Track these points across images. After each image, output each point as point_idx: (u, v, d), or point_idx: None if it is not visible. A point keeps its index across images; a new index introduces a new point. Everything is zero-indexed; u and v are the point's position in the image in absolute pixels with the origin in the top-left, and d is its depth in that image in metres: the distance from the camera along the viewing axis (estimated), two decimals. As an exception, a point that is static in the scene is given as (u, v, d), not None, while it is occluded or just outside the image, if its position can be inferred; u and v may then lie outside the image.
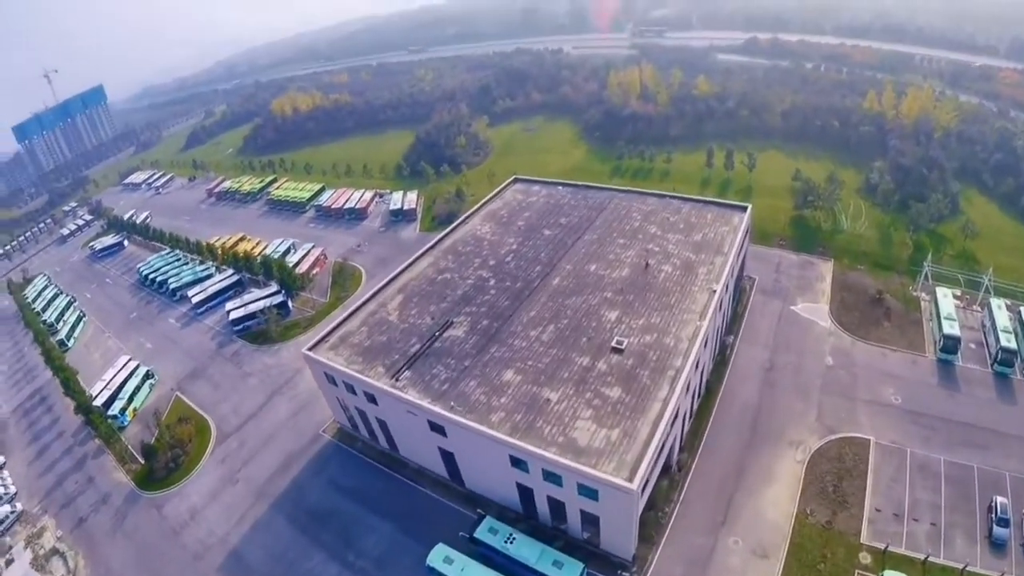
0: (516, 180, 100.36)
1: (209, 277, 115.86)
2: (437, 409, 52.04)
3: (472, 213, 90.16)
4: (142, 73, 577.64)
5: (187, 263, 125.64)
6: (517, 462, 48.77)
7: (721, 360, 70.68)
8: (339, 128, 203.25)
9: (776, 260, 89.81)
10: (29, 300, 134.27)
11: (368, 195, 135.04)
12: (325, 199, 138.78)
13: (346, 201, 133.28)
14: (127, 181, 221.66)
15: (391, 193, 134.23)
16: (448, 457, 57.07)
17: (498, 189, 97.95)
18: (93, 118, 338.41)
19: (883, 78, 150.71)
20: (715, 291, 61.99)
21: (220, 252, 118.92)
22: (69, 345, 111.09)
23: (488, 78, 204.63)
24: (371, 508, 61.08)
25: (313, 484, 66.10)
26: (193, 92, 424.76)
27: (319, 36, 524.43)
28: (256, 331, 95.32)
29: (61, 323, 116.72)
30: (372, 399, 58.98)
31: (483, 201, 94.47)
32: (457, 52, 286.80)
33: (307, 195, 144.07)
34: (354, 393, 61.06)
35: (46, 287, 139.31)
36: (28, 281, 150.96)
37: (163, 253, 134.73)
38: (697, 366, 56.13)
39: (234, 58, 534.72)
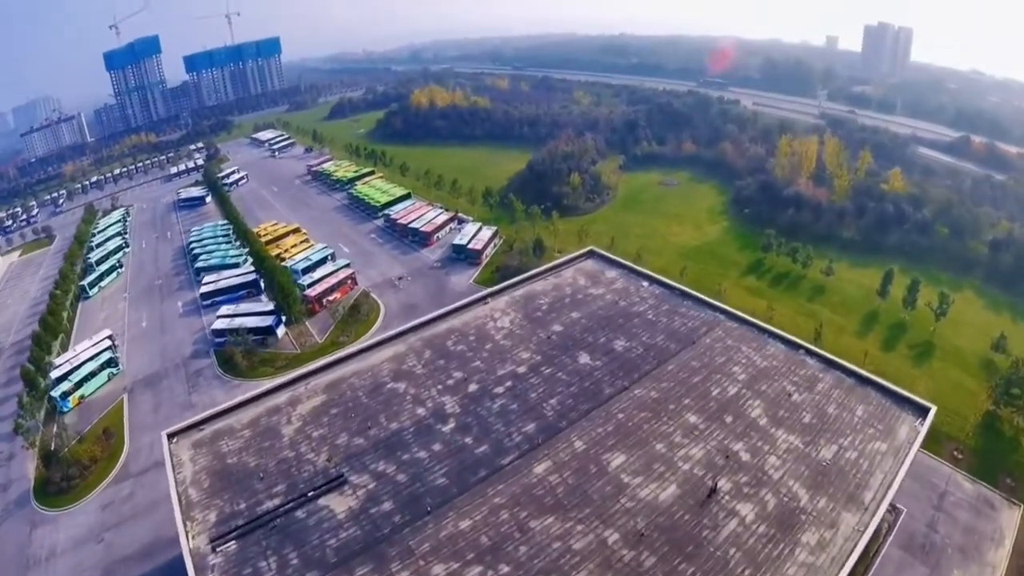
0: (591, 254, 73.81)
1: (236, 266, 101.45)
2: None
3: (503, 288, 65.17)
4: (336, 36, 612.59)
5: (228, 242, 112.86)
6: None
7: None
8: (466, 133, 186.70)
9: (941, 485, 54.47)
10: (95, 231, 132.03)
11: (442, 218, 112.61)
12: (397, 210, 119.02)
13: (415, 219, 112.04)
14: (255, 136, 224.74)
15: (470, 222, 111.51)
16: None
17: (561, 260, 72.30)
18: (263, 67, 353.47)
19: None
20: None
21: (254, 240, 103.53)
22: (90, 294, 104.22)
23: (639, 113, 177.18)
24: None
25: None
26: (370, 67, 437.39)
27: (509, 42, 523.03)
28: (228, 352, 77.56)
29: (99, 267, 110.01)
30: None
31: (529, 273, 69.30)
32: (626, 82, 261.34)
33: (384, 200, 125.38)
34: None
35: (116, 223, 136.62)
36: (112, 211, 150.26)
37: (219, 223, 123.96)
38: None
39: (430, 45, 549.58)
